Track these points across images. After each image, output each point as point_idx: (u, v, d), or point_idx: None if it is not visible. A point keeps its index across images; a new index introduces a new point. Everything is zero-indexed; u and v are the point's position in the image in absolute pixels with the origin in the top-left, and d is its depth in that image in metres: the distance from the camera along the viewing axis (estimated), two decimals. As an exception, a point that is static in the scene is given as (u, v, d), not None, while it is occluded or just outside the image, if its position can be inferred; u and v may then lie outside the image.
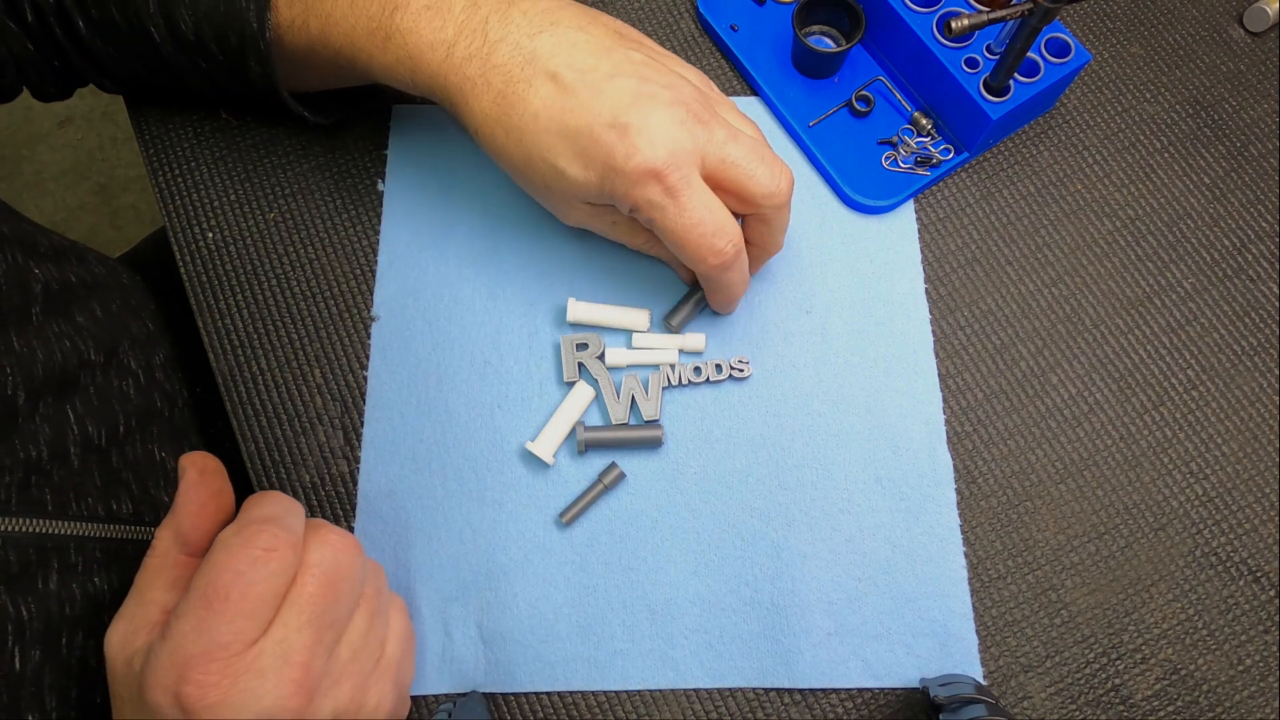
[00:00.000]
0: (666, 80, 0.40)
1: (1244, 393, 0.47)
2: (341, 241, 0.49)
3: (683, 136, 0.39)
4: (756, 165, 0.40)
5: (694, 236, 0.39)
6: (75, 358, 0.42)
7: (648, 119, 0.38)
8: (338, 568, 0.34)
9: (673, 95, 0.39)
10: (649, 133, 0.38)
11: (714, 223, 0.39)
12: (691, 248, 0.40)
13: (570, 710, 0.42)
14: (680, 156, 0.38)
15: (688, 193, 0.39)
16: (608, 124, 0.38)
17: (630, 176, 0.38)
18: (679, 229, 0.39)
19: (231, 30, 0.42)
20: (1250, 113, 0.53)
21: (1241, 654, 0.43)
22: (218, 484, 0.37)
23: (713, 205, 0.39)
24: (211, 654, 0.30)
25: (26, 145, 1.44)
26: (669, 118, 0.38)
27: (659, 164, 0.38)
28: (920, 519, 0.44)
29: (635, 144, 0.38)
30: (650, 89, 0.39)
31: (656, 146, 0.38)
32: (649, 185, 0.38)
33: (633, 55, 0.40)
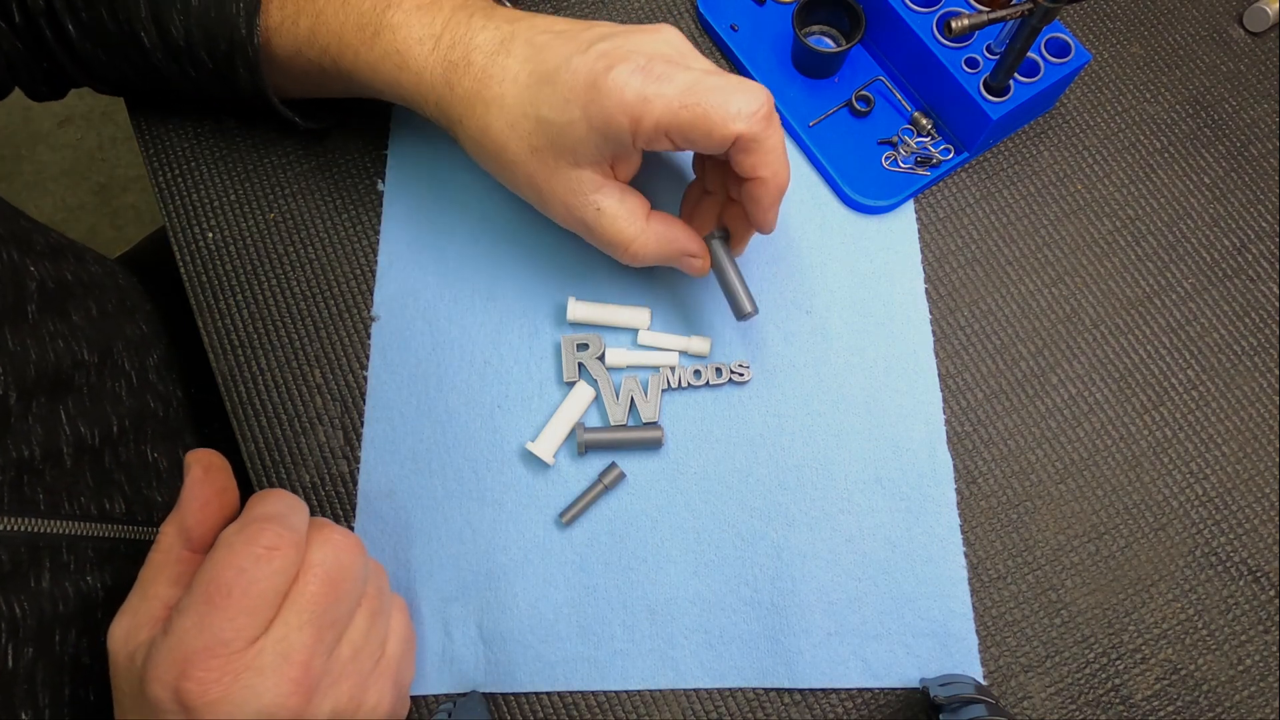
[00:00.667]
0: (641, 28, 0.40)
1: (1244, 393, 0.47)
2: (341, 241, 0.49)
3: (664, 49, 0.38)
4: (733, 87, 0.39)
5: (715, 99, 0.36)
6: (69, 358, 0.42)
7: (621, 42, 0.38)
8: (340, 567, 0.34)
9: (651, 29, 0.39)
10: (624, 47, 0.37)
11: (729, 82, 0.37)
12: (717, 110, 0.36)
13: (570, 710, 0.42)
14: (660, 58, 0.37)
15: (681, 71, 0.37)
16: (581, 53, 0.38)
17: (615, 82, 0.36)
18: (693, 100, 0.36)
19: (221, 36, 0.42)
20: (1250, 113, 0.53)
21: (1241, 654, 0.43)
22: (222, 481, 0.37)
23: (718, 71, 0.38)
24: (212, 650, 0.30)
25: (26, 145, 1.44)
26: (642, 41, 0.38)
27: (640, 60, 0.37)
28: (920, 519, 0.44)
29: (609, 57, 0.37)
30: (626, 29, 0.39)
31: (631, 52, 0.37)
32: (637, 79, 0.36)
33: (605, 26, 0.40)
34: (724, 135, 0.37)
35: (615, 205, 0.41)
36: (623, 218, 0.41)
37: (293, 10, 0.42)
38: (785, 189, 0.40)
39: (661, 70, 0.36)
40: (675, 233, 0.42)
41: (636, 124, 0.37)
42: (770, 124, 0.37)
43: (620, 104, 0.36)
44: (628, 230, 0.41)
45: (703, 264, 0.44)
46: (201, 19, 0.42)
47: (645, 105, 0.36)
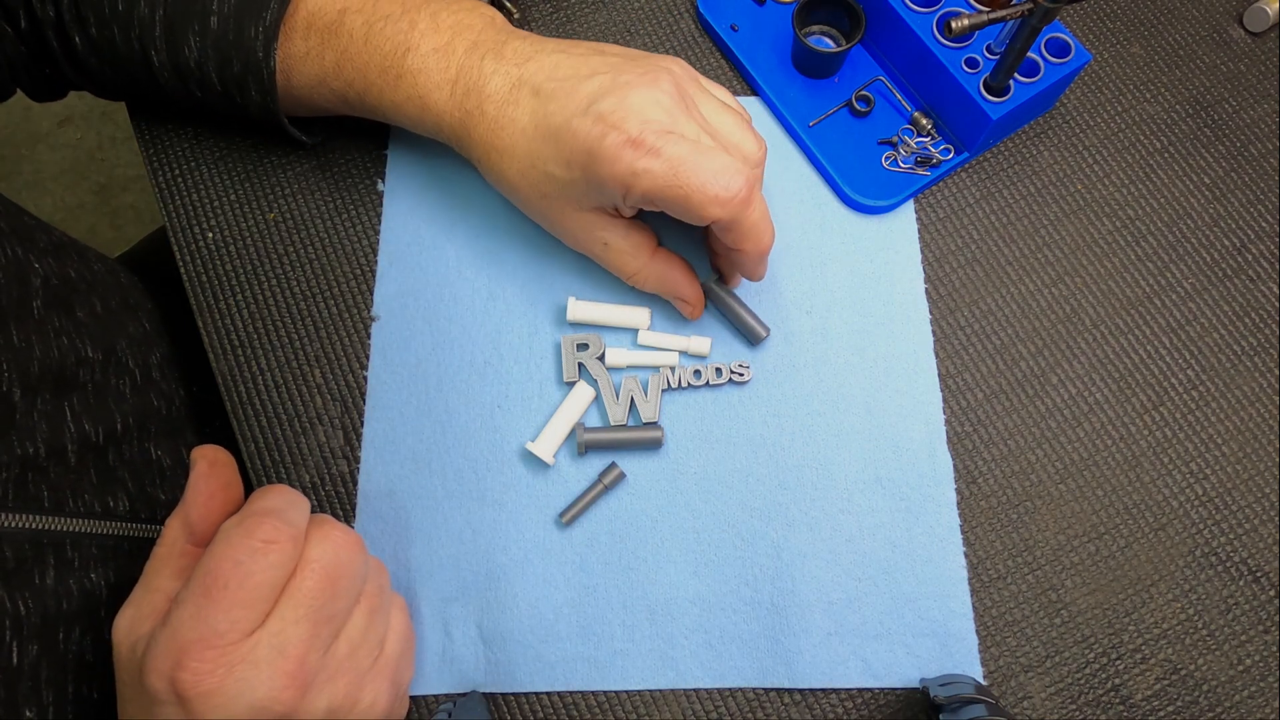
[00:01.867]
0: (642, 71, 0.40)
1: (1244, 393, 0.47)
2: (341, 241, 0.49)
3: (658, 112, 0.38)
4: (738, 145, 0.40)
5: (695, 181, 0.37)
6: (73, 355, 0.42)
7: (622, 101, 0.38)
8: (338, 564, 0.34)
9: (649, 81, 0.39)
10: (622, 110, 0.38)
11: (713, 164, 0.38)
12: (696, 193, 0.38)
13: (570, 710, 0.42)
14: (654, 125, 0.38)
15: (671, 145, 0.38)
16: (582, 114, 0.39)
17: (608, 153, 0.38)
18: (675, 181, 0.37)
19: (236, 58, 0.43)
20: (1250, 113, 0.53)
21: (1241, 654, 0.43)
22: (227, 476, 0.37)
23: (706, 150, 0.38)
24: (207, 641, 0.30)
25: (26, 145, 1.44)
26: (644, 99, 0.38)
27: (634, 132, 0.37)
28: (920, 519, 0.45)
29: (608, 122, 0.38)
30: (625, 79, 0.39)
31: (628, 120, 0.38)
32: (628, 154, 0.38)
33: (610, 60, 0.41)
34: (703, 216, 0.39)
35: (620, 241, 0.43)
36: (628, 252, 0.44)
37: (317, 43, 0.43)
38: (767, 251, 0.42)
39: (652, 143, 0.37)
40: (674, 275, 0.45)
41: (626, 192, 0.39)
42: (747, 206, 0.39)
43: (612, 175, 0.38)
44: (631, 264, 0.44)
45: (693, 311, 0.46)
46: (219, 41, 0.43)
47: (634, 179, 0.38)
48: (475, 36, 0.42)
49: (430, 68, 0.42)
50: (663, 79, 0.40)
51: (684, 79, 0.41)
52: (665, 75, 0.40)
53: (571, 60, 0.41)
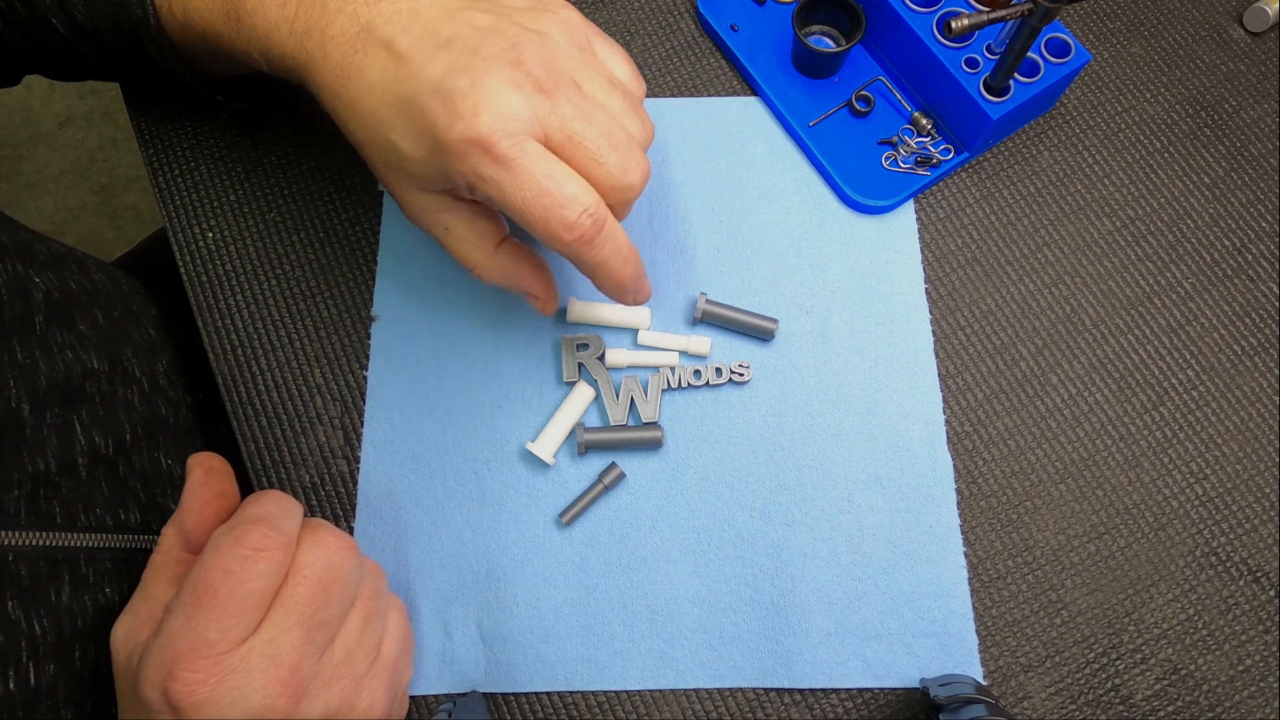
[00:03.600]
0: (509, 42, 0.35)
1: (1244, 393, 0.47)
2: (341, 241, 0.49)
3: (515, 102, 0.34)
4: (606, 149, 0.35)
5: (538, 211, 0.34)
6: (79, 367, 0.41)
7: (476, 84, 0.34)
8: (330, 569, 0.34)
9: (512, 58, 0.35)
10: (474, 97, 0.33)
11: (560, 193, 0.34)
12: (540, 225, 0.34)
13: (570, 710, 0.42)
14: (510, 123, 0.34)
15: (523, 161, 0.34)
16: (433, 90, 0.34)
17: (454, 147, 0.34)
18: (519, 203, 0.34)
19: (123, 18, 0.41)
20: (1250, 113, 0.53)
21: (1241, 654, 0.43)
22: (222, 484, 0.37)
23: (558, 173, 0.34)
24: (199, 651, 0.30)
25: (26, 145, 1.44)
26: (502, 82, 0.34)
27: (483, 131, 0.33)
28: (920, 519, 0.44)
29: (459, 109, 0.33)
30: (488, 51, 0.35)
31: (480, 112, 0.33)
32: (476, 157, 0.34)
33: (478, 19, 0.36)
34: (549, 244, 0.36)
35: (463, 228, 0.39)
36: (470, 241, 0.40)
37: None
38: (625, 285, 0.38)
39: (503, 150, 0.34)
40: (521, 269, 0.41)
41: (471, 190, 0.36)
42: (590, 245, 0.35)
43: (458, 170, 0.35)
44: (473, 254, 0.40)
45: (544, 305, 0.43)
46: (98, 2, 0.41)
47: (479, 183, 0.35)
48: None
49: (267, 7, 0.38)
50: (525, 55, 0.35)
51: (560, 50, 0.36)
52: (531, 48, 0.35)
53: (433, 11, 0.36)
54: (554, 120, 0.35)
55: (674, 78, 0.53)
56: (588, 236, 0.35)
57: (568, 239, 0.35)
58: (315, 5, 0.37)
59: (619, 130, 0.36)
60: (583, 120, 0.35)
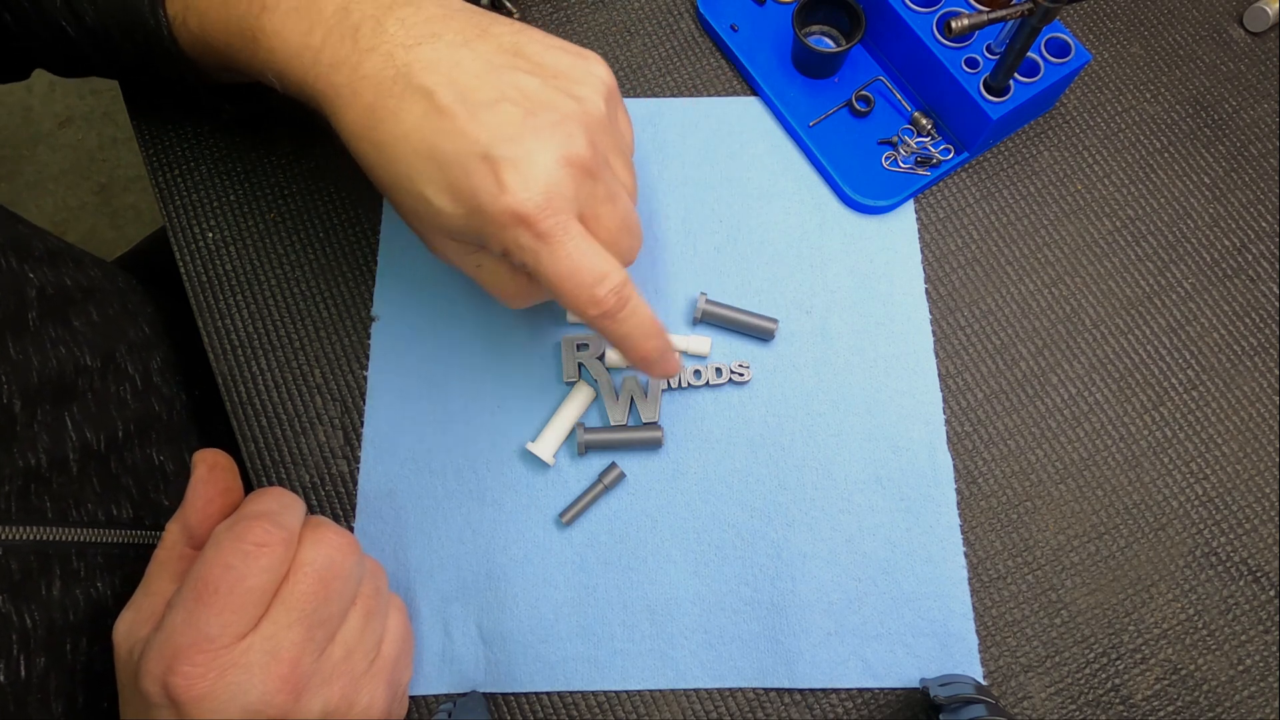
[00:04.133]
0: (559, 115, 0.35)
1: (1244, 393, 0.47)
2: (341, 241, 0.49)
3: (564, 181, 0.34)
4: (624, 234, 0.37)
5: (570, 286, 0.35)
6: (72, 364, 0.41)
7: (527, 156, 0.34)
8: (331, 566, 0.34)
9: (562, 135, 0.35)
10: (525, 172, 0.34)
11: (592, 271, 0.35)
12: (570, 298, 0.35)
13: (570, 710, 0.42)
14: (557, 203, 0.34)
15: (562, 238, 0.34)
16: (481, 156, 0.34)
17: (498, 219, 0.34)
18: (554, 277, 0.35)
19: (136, 27, 0.41)
20: (1250, 113, 0.53)
21: (1241, 654, 0.43)
22: (227, 480, 0.37)
23: (591, 251, 0.35)
24: (199, 646, 0.30)
25: (26, 145, 1.44)
26: (553, 158, 0.34)
27: (531, 209, 0.34)
28: (920, 519, 0.44)
29: (507, 183, 0.33)
30: (537, 123, 0.35)
31: (531, 189, 0.34)
32: (518, 229, 0.34)
33: (524, 81, 0.36)
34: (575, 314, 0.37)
35: (495, 264, 0.39)
36: (505, 274, 0.40)
37: (180, 7, 0.40)
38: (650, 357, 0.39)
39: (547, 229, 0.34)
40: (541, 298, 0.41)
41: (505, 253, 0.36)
42: (614, 321, 0.36)
43: (495, 236, 0.35)
44: (508, 289, 0.40)
45: None
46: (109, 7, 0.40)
47: (516, 250, 0.35)
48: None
49: (288, 30, 0.37)
50: (575, 130, 0.35)
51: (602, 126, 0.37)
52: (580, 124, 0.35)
53: (476, 64, 0.35)
54: (590, 202, 0.36)
55: (674, 78, 0.53)
56: (612, 312, 0.36)
57: (594, 314, 0.36)
58: (345, 39, 0.36)
59: (632, 213, 0.38)
60: (609, 204, 0.37)
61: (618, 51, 0.53)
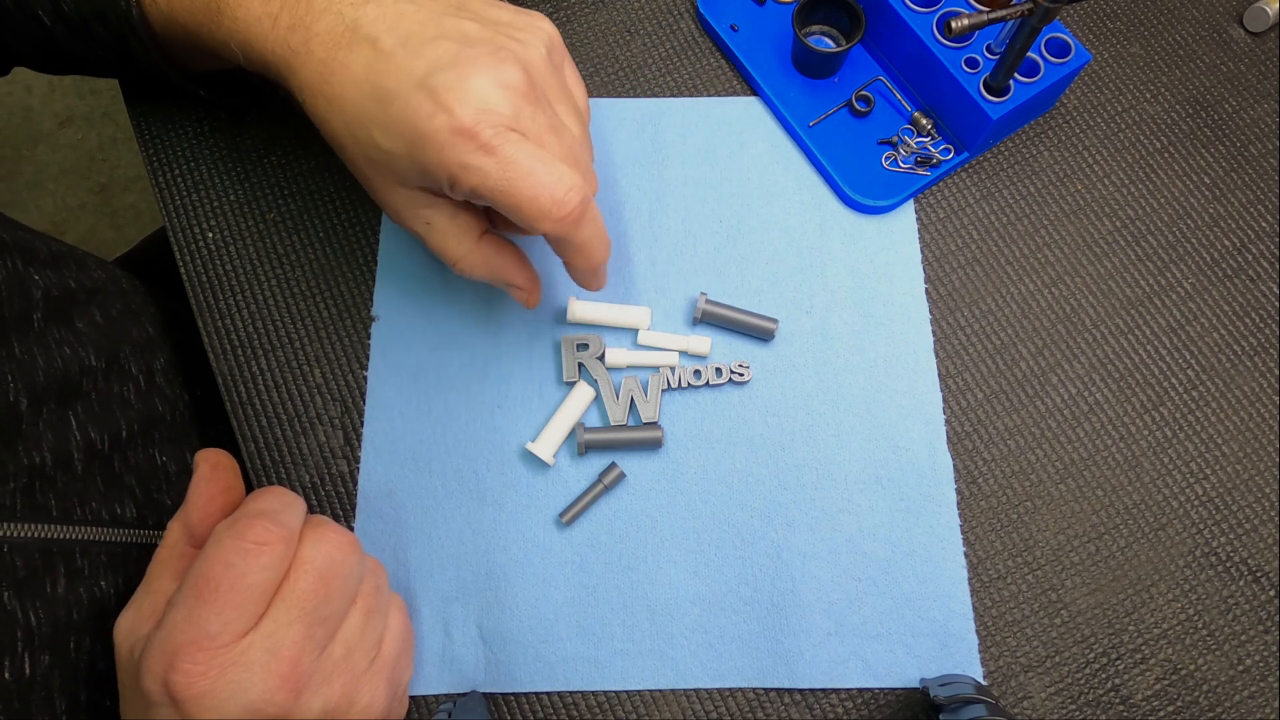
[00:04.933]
0: (495, 47, 0.36)
1: (1244, 393, 0.47)
2: (341, 241, 0.49)
3: (499, 99, 0.35)
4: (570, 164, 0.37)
5: (526, 189, 0.35)
6: (76, 364, 0.42)
7: (462, 79, 0.35)
8: (332, 565, 0.34)
9: (497, 60, 0.36)
10: (459, 91, 0.34)
11: (547, 172, 0.35)
12: (527, 204, 0.35)
13: (570, 710, 0.42)
14: (493, 116, 0.35)
15: (508, 146, 0.35)
16: (418, 85, 0.35)
17: (436, 138, 0.34)
18: (506, 186, 0.35)
19: (107, 11, 0.41)
20: (1250, 113, 0.53)
21: (1241, 654, 0.43)
22: (228, 480, 0.37)
23: (541, 155, 0.35)
24: (199, 644, 0.30)
25: (26, 145, 1.44)
26: (487, 81, 0.35)
27: (467, 120, 0.34)
28: (920, 519, 0.44)
29: (442, 101, 0.34)
30: (473, 52, 0.36)
31: (466, 104, 0.34)
32: (460, 145, 0.34)
33: (465, 26, 0.37)
34: (532, 228, 0.37)
35: (445, 222, 0.40)
36: (451, 235, 0.40)
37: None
38: (599, 266, 0.40)
39: (488, 138, 0.34)
40: (504, 261, 0.42)
41: (452, 184, 0.36)
42: (578, 225, 0.37)
43: (438, 162, 0.35)
44: (455, 249, 0.41)
45: (527, 297, 0.43)
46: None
47: (463, 172, 0.35)
48: None
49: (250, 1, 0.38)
50: (511, 61, 0.36)
51: (541, 66, 0.38)
52: (517, 57, 0.36)
53: (420, 14, 0.37)
54: (531, 126, 0.36)
55: (674, 78, 0.53)
56: (576, 214, 0.36)
57: (558, 215, 0.36)
58: (300, 4, 0.38)
59: (580, 149, 0.38)
60: (552, 135, 0.37)
61: (618, 51, 0.53)
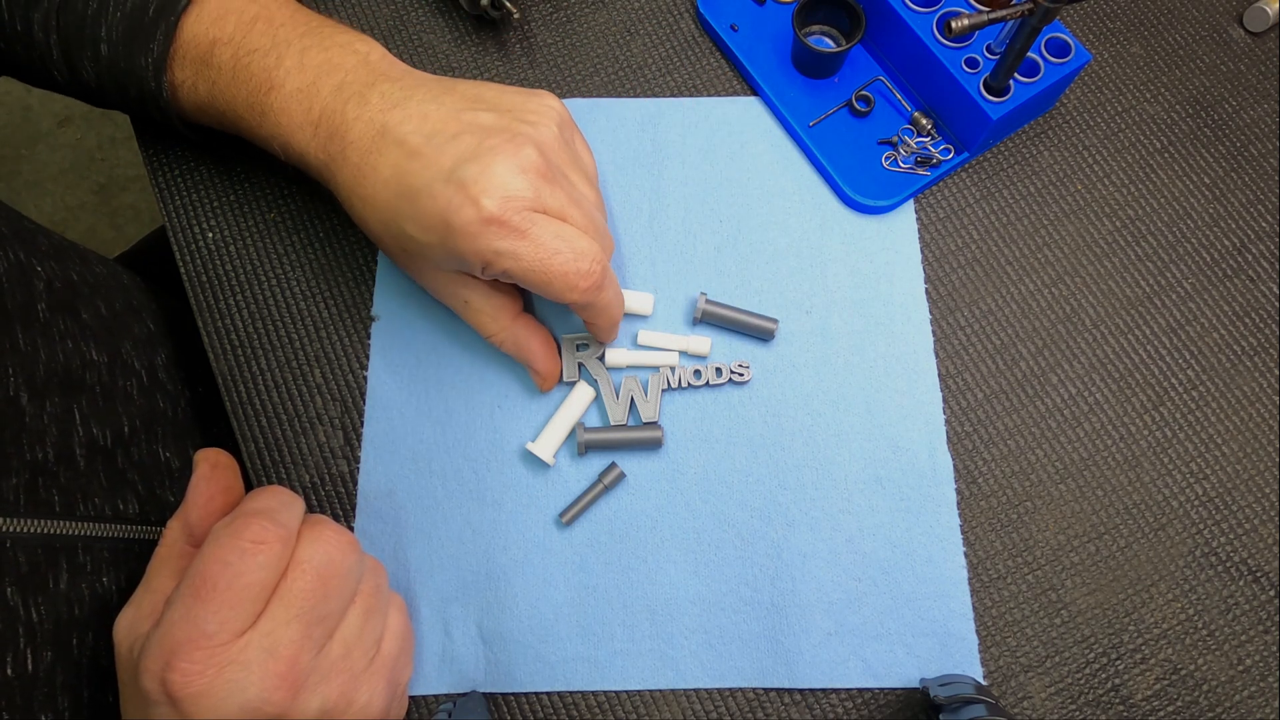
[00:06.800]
0: (510, 135, 0.39)
1: (1244, 393, 0.47)
2: (341, 241, 0.49)
3: (521, 185, 0.37)
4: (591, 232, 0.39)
5: (555, 267, 0.38)
6: (78, 358, 0.42)
7: (485, 170, 0.37)
8: (330, 564, 0.34)
9: (514, 148, 0.38)
10: (484, 182, 0.37)
11: (571, 249, 0.38)
12: (557, 280, 0.38)
13: (570, 710, 0.42)
14: (518, 201, 0.37)
15: (535, 229, 0.37)
16: (445, 179, 0.37)
17: (468, 230, 0.37)
18: (536, 266, 0.38)
19: (131, 84, 0.43)
20: (1250, 113, 0.53)
21: (1241, 654, 0.43)
22: (228, 479, 0.37)
23: (565, 233, 0.38)
24: (196, 642, 0.31)
25: (26, 145, 1.44)
26: (508, 168, 0.37)
27: (495, 210, 0.36)
28: (920, 519, 0.44)
29: (470, 194, 0.37)
30: (491, 143, 0.38)
31: (493, 193, 0.37)
32: (491, 234, 0.37)
33: (482, 118, 0.40)
34: (561, 299, 0.39)
35: (481, 302, 0.43)
36: (487, 314, 0.43)
37: (191, 74, 0.43)
38: (619, 320, 0.43)
39: (516, 223, 0.37)
40: (532, 346, 0.44)
41: (485, 268, 0.39)
42: (600, 291, 0.39)
43: (472, 251, 0.38)
44: (490, 327, 0.44)
45: (543, 383, 0.45)
46: (112, 69, 0.43)
47: (496, 258, 0.37)
48: (343, 78, 0.41)
49: (292, 109, 0.41)
50: (528, 144, 0.38)
51: (554, 144, 0.40)
52: (531, 140, 0.39)
53: (441, 112, 0.40)
54: (552, 202, 0.38)
55: (674, 78, 0.53)
56: (598, 283, 0.39)
57: (584, 286, 0.39)
58: (337, 113, 0.40)
59: (599, 219, 0.41)
60: (573, 206, 0.39)
61: (618, 51, 0.53)
